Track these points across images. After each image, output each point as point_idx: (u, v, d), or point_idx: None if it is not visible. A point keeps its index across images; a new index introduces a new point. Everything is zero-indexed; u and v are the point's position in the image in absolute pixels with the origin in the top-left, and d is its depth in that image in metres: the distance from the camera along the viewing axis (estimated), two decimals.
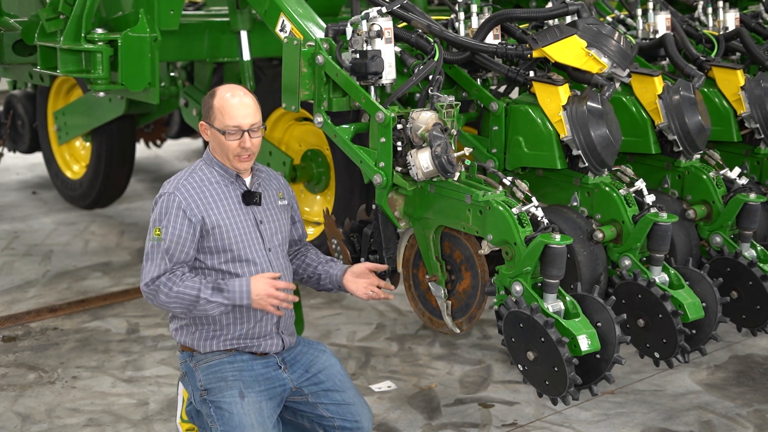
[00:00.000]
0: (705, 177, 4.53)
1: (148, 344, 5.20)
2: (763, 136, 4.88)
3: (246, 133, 3.32)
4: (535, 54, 4.25)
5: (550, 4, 4.91)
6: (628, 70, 4.34)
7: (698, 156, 4.63)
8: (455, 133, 3.94)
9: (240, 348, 3.36)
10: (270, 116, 5.85)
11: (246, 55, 5.69)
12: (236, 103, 3.33)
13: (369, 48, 4.02)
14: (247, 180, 3.43)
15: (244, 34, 5.69)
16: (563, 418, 4.34)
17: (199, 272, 3.34)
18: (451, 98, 3.94)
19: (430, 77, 4.08)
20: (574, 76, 4.28)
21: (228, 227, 3.31)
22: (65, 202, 8.21)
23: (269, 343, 3.39)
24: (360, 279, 3.58)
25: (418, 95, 4.34)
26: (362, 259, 4.38)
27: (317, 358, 3.49)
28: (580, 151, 4.08)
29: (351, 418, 3.42)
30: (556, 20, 4.77)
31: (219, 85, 3.46)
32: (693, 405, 4.47)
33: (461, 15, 4.61)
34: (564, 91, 4.14)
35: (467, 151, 3.86)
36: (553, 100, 4.15)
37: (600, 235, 4.07)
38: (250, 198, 3.39)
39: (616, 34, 4.21)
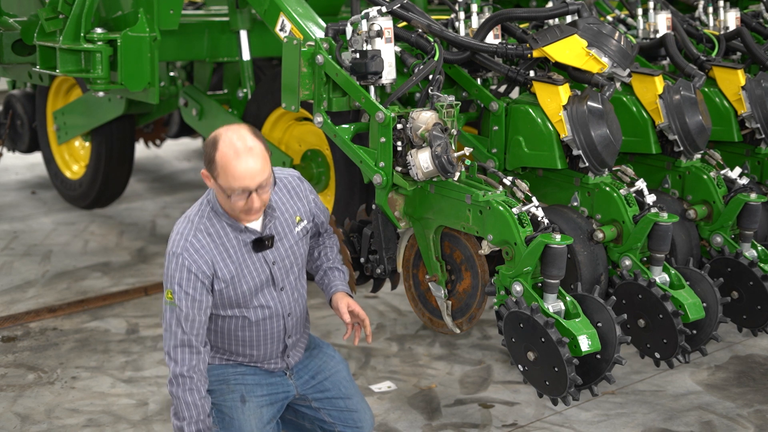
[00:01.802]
0: (705, 177, 4.52)
1: (147, 344, 5.19)
2: (763, 135, 4.87)
3: (254, 193, 2.99)
4: (536, 54, 4.24)
5: (550, 4, 4.91)
6: (628, 70, 4.34)
7: (699, 156, 4.62)
8: (455, 133, 3.94)
9: (244, 364, 3.35)
10: (270, 116, 5.84)
11: (246, 55, 5.69)
12: (241, 162, 2.93)
13: (369, 48, 4.01)
14: (258, 222, 3.16)
15: (243, 34, 5.69)
16: (563, 418, 4.33)
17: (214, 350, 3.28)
18: (451, 98, 3.93)
19: (430, 77, 4.08)
20: (574, 75, 4.28)
21: (238, 280, 3.14)
22: (65, 202, 8.20)
23: (273, 366, 3.34)
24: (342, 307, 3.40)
25: (418, 95, 4.34)
26: (362, 259, 4.38)
27: (325, 364, 3.44)
28: (580, 151, 4.08)
29: (353, 424, 3.40)
30: (557, 20, 4.77)
31: (219, 130, 3.04)
32: (694, 405, 4.46)
33: (461, 15, 4.61)
34: (564, 91, 4.14)
35: (467, 151, 3.86)
36: (554, 99, 4.14)
37: (600, 235, 4.07)
38: (260, 246, 3.14)
39: (617, 34, 4.21)
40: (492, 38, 4.52)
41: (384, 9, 4.08)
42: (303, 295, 3.37)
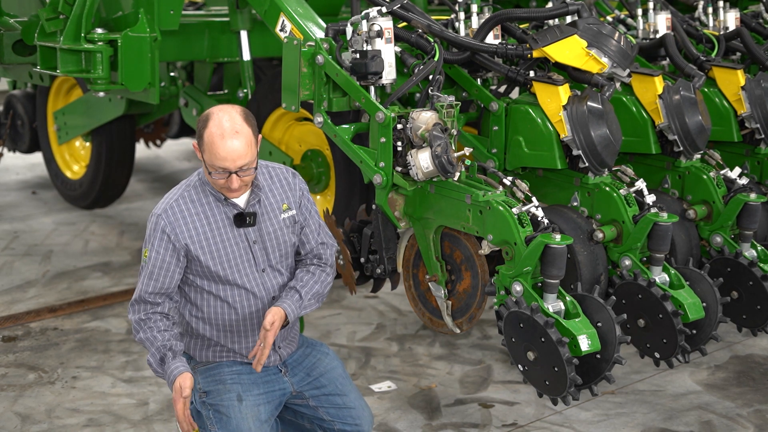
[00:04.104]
0: (705, 177, 4.53)
1: None
2: (763, 136, 4.88)
3: (233, 174, 3.08)
4: (536, 54, 4.25)
5: (550, 4, 4.91)
6: (628, 70, 4.34)
7: (698, 156, 4.63)
8: (455, 133, 3.94)
9: (236, 361, 3.34)
10: (270, 116, 5.85)
11: (246, 55, 5.69)
12: (226, 144, 3.03)
13: (369, 48, 4.02)
14: (243, 198, 3.22)
15: (244, 34, 5.69)
16: (563, 418, 4.33)
17: (182, 305, 3.32)
18: (451, 98, 3.94)
19: (430, 77, 4.08)
20: (574, 76, 4.28)
21: (214, 253, 3.19)
22: (65, 202, 8.20)
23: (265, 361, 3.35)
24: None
25: (418, 95, 4.34)
26: (362, 259, 4.38)
27: (319, 362, 3.45)
28: (580, 151, 4.09)
29: (351, 422, 3.40)
30: (557, 20, 4.78)
31: (214, 108, 3.13)
32: (693, 405, 4.46)
33: (461, 15, 4.61)
34: (564, 91, 4.14)
35: (467, 151, 3.86)
36: (554, 100, 4.15)
37: (600, 235, 4.07)
38: (241, 221, 3.20)
39: (617, 34, 4.21)
40: (492, 38, 4.52)
41: (384, 9, 4.08)
42: (287, 284, 3.34)
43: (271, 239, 3.28)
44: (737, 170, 4.56)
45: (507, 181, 3.92)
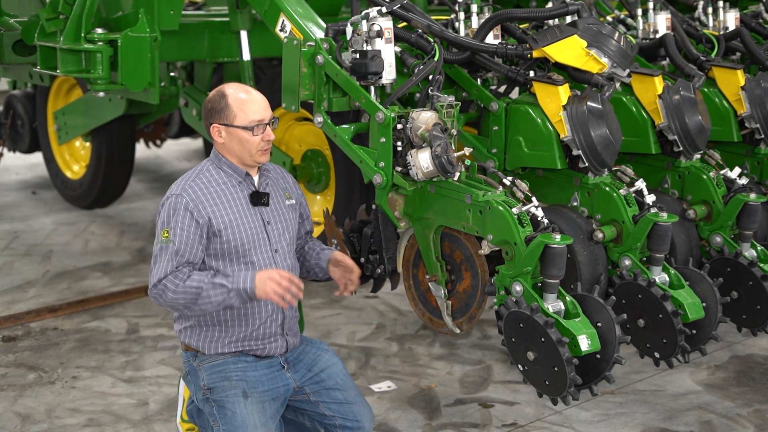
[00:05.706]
0: (705, 177, 4.53)
1: (148, 344, 5.19)
2: (763, 136, 4.88)
3: (268, 126, 3.32)
4: (535, 54, 4.25)
5: (550, 4, 4.91)
6: (628, 70, 4.34)
7: (698, 156, 4.63)
8: (455, 133, 3.94)
9: (245, 350, 3.35)
10: None
11: (246, 55, 5.69)
12: (253, 99, 3.31)
13: (369, 48, 4.02)
14: (255, 179, 3.38)
15: (244, 34, 5.69)
16: (563, 418, 4.33)
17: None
18: (451, 98, 3.94)
19: (430, 77, 4.08)
20: (574, 76, 4.28)
21: (235, 229, 3.27)
22: (65, 202, 8.21)
23: (273, 346, 3.38)
24: (336, 268, 3.55)
25: (418, 95, 4.34)
26: (362, 259, 4.38)
27: (319, 357, 3.48)
28: (580, 151, 4.09)
29: (352, 417, 3.42)
30: (556, 20, 4.78)
31: (219, 86, 3.37)
32: (693, 405, 4.46)
33: (461, 15, 4.61)
34: (564, 91, 4.14)
35: (467, 151, 3.86)
36: (553, 100, 4.15)
37: (600, 235, 4.07)
38: (258, 199, 3.34)
39: (616, 34, 4.21)
40: (492, 38, 4.52)
41: (384, 9, 4.08)
42: (297, 266, 3.49)
43: (282, 221, 3.42)
44: (737, 170, 4.56)
45: (507, 181, 3.92)
